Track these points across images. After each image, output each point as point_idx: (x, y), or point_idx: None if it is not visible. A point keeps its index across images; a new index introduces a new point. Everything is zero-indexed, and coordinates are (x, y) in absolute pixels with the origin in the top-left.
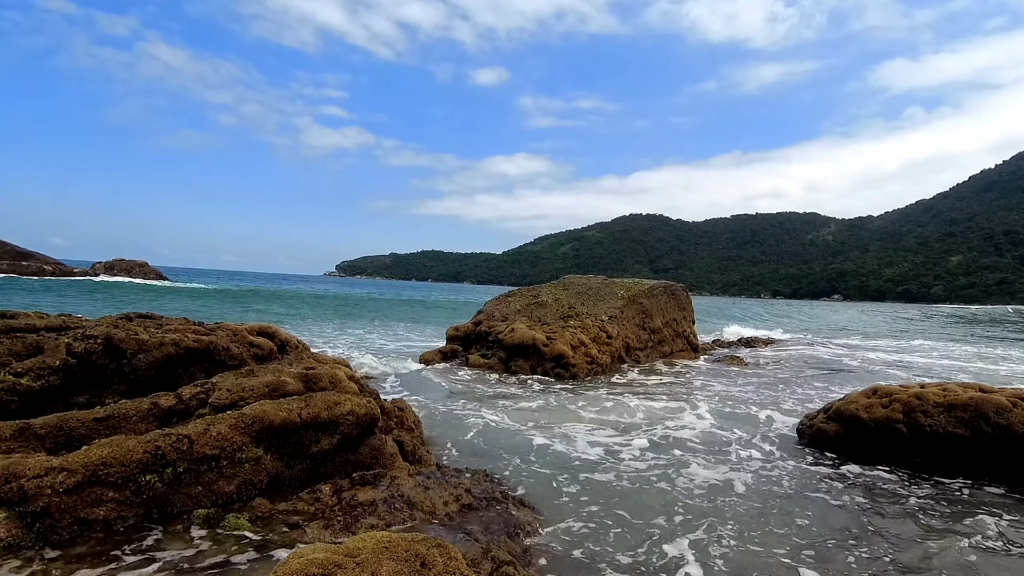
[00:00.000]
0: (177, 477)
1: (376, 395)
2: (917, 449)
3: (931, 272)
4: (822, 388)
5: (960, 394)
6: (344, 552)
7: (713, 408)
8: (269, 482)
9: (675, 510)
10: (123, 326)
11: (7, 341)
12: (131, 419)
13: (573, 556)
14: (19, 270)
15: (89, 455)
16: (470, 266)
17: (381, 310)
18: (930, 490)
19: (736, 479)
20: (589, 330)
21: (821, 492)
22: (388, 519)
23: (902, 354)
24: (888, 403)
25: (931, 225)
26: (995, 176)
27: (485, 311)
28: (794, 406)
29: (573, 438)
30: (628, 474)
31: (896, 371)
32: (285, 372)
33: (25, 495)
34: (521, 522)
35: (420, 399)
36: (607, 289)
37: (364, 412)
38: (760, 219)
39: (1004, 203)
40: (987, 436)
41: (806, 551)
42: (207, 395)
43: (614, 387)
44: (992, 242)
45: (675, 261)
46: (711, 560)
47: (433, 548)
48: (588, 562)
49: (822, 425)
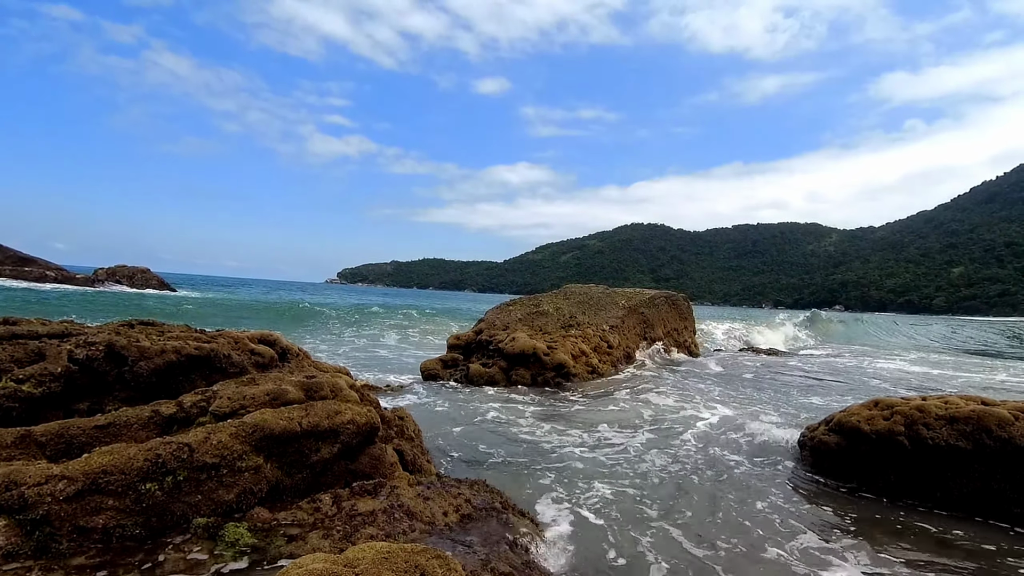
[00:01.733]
0: (177, 485)
1: (377, 404)
2: (918, 462)
3: (932, 283)
4: (826, 398)
5: (962, 407)
6: (344, 562)
7: (714, 418)
8: (269, 491)
9: (668, 515)
10: (125, 333)
11: (9, 347)
12: (132, 427)
13: (575, 569)
14: (21, 275)
15: (90, 463)
16: (471, 274)
17: (382, 318)
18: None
19: (734, 494)
20: (590, 339)
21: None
22: (388, 529)
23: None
24: (890, 415)
25: (932, 236)
26: (996, 188)
27: (486, 320)
28: (795, 415)
29: (572, 447)
30: (626, 482)
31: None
32: (286, 380)
33: (25, 503)
34: (521, 532)
35: (420, 407)
36: (608, 298)
37: (364, 421)
38: (761, 229)
39: (1005, 214)
40: (989, 449)
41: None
42: (208, 403)
43: (615, 396)
44: (993, 253)
45: (676, 271)
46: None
47: (433, 559)
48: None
49: (823, 437)
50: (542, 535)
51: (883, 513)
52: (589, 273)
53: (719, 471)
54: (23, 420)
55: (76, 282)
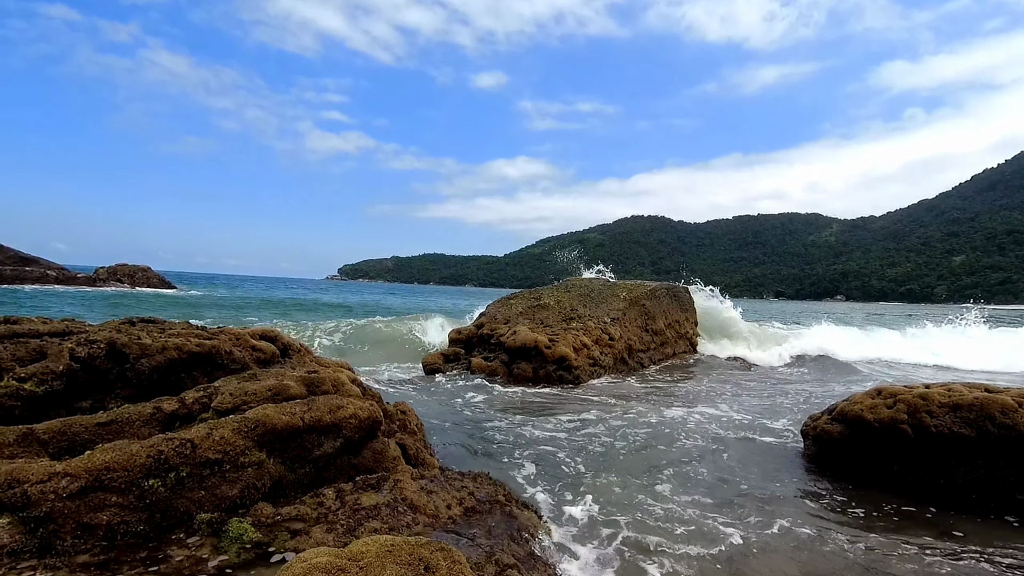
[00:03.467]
0: (180, 482)
1: (378, 398)
2: (922, 451)
3: (934, 272)
4: (830, 389)
5: (965, 394)
6: (348, 556)
7: (714, 408)
8: (272, 486)
9: (669, 503)
10: (126, 331)
11: (11, 346)
12: (134, 424)
13: (577, 558)
14: (23, 275)
15: (92, 460)
16: (472, 269)
17: (383, 312)
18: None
19: (735, 481)
20: (591, 332)
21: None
22: (391, 523)
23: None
24: (892, 403)
25: (934, 225)
26: (997, 176)
27: (487, 314)
28: (798, 405)
29: (576, 438)
30: (627, 472)
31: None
32: (288, 376)
33: (28, 500)
34: (524, 525)
35: (422, 401)
36: (609, 291)
37: (367, 415)
38: (762, 220)
39: (1007, 202)
40: (993, 437)
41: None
42: (210, 399)
43: (615, 388)
44: (995, 242)
45: (677, 262)
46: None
47: (437, 552)
48: (594, 566)
49: (826, 426)
50: (545, 527)
51: (886, 502)
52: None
53: (723, 464)
54: (25, 418)
55: (77, 282)
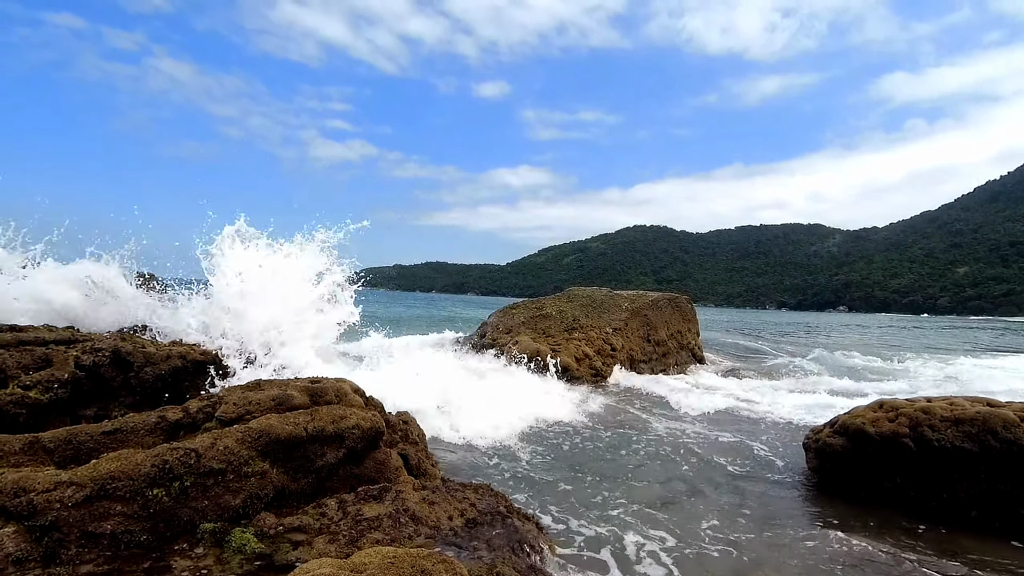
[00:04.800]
0: (184, 491)
1: (381, 408)
2: (924, 465)
3: (937, 283)
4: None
5: (967, 408)
6: (350, 567)
7: (715, 418)
8: (275, 496)
9: (669, 507)
10: (130, 339)
11: (16, 354)
12: (139, 432)
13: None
14: None
15: (98, 469)
16: (474, 277)
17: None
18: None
19: (739, 499)
20: (593, 342)
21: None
22: (393, 534)
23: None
24: (894, 417)
25: (936, 236)
26: (1000, 187)
27: (490, 323)
28: (799, 418)
29: (572, 451)
30: (630, 479)
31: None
32: (291, 385)
33: (34, 509)
34: (526, 536)
35: (423, 412)
36: (611, 301)
37: (369, 426)
38: (764, 230)
39: (1010, 213)
40: (995, 451)
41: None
42: (213, 408)
43: (617, 397)
44: (998, 253)
45: (679, 272)
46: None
47: (438, 564)
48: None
49: (828, 440)
50: (545, 538)
51: (888, 517)
52: (592, 275)
53: (725, 477)
54: (30, 426)
55: None
